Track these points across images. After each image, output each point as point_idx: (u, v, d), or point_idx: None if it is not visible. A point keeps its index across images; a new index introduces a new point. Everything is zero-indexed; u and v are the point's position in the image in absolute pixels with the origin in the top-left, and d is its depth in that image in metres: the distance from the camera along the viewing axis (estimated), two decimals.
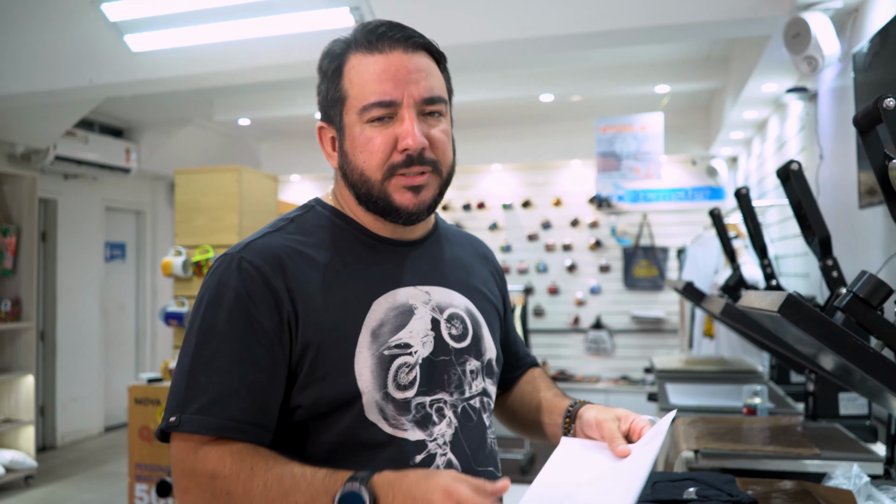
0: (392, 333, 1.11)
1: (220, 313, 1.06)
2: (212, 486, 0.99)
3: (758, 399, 2.48)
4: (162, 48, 4.34)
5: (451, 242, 1.31)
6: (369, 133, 1.11)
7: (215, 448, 1.01)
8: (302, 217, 1.19)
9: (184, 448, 1.03)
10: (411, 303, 1.15)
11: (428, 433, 1.11)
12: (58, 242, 6.97)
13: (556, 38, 3.82)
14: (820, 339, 1.08)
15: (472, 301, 1.25)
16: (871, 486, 1.65)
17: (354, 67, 1.11)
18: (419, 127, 1.10)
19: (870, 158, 1.33)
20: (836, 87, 3.45)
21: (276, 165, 8.36)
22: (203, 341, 1.06)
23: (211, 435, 1.02)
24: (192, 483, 1.01)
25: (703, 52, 5.49)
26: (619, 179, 6.19)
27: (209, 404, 1.02)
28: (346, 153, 1.14)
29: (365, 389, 1.08)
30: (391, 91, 1.09)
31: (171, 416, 1.04)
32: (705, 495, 1.43)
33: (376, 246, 1.18)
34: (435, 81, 1.14)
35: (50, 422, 6.90)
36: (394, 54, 1.10)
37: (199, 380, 1.04)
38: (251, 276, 1.07)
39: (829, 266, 1.93)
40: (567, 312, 7.91)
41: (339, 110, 1.14)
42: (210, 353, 1.05)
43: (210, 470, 1.00)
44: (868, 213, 2.85)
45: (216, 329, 1.06)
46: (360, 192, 1.14)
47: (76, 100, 5.23)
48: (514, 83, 6.00)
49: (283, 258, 1.10)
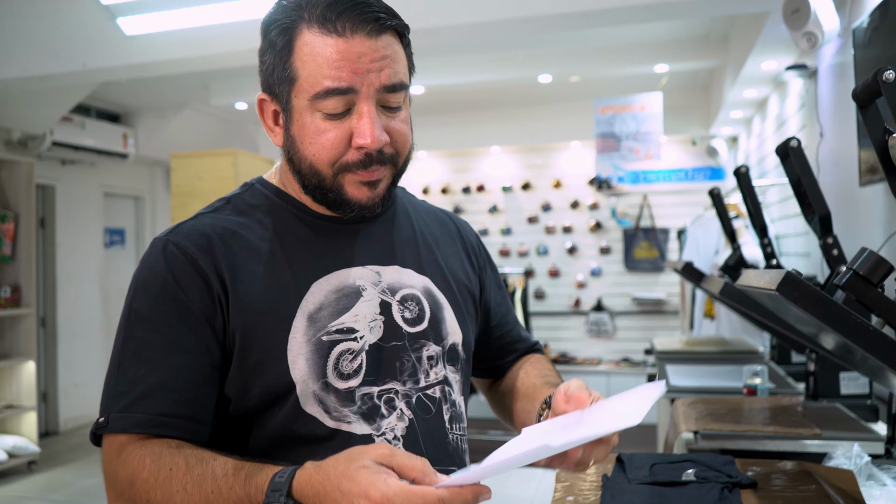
0: (333, 317, 1.02)
1: (146, 300, 0.99)
2: (131, 492, 0.91)
3: (758, 379, 2.47)
4: (156, 31, 4.30)
5: (411, 218, 1.20)
6: (321, 125, 1.00)
7: (137, 449, 0.93)
8: (239, 196, 1.11)
9: (109, 451, 0.95)
10: (358, 284, 1.06)
11: (375, 427, 1.01)
12: (56, 229, 6.97)
13: (554, 17, 3.78)
14: (818, 317, 1.06)
15: (433, 281, 1.14)
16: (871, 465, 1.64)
17: (307, 45, 0.98)
18: (378, 121, 0.99)
19: (869, 133, 1.30)
20: (835, 64, 3.41)
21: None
22: (130, 332, 0.99)
23: (139, 433, 0.94)
24: (114, 491, 0.94)
25: (703, 31, 5.43)
26: (619, 160, 6.16)
27: (136, 399, 0.95)
28: (294, 138, 1.03)
29: (299, 379, 0.99)
30: (348, 78, 0.97)
31: (100, 417, 0.96)
32: (704, 476, 1.41)
33: (319, 225, 1.08)
34: (399, 66, 1.02)
35: (52, 407, 6.92)
36: (355, 39, 0.97)
37: (126, 374, 0.96)
38: (177, 258, 1.00)
39: (829, 244, 1.90)
40: (568, 295, 7.90)
41: (287, 90, 1.02)
42: (137, 344, 0.98)
43: (129, 475, 0.92)
44: (869, 191, 2.82)
45: (143, 317, 0.98)
46: (307, 183, 1.05)
47: (71, 85, 5.20)
48: (512, 64, 5.95)
49: (213, 238, 1.02)
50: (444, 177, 8.23)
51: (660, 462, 1.52)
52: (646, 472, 1.46)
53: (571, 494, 1.38)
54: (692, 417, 2.09)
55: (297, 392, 0.99)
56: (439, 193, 8.21)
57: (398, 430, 1.03)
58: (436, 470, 0.87)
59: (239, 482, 0.86)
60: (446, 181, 8.22)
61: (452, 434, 1.10)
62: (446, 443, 1.08)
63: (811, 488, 1.39)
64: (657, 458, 1.55)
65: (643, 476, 1.43)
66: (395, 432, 1.03)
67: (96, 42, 4.41)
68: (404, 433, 1.03)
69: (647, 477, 1.43)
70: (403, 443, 1.03)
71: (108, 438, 0.96)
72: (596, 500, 1.34)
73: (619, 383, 7.11)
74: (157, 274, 1.00)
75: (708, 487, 1.34)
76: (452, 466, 1.07)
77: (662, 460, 1.53)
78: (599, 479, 1.44)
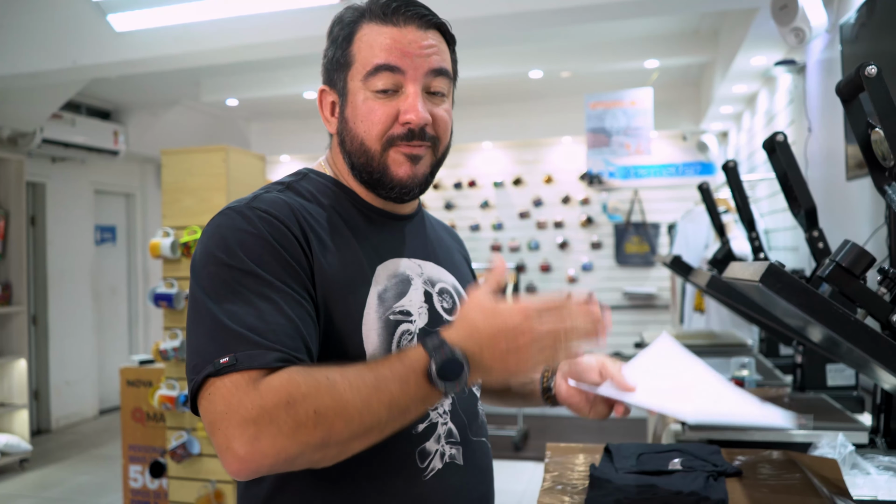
0: (395, 300, 1.11)
1: (251, 257, 0.97)
2: (293, 413, 0.85)
3: (745, 371, 2.49)
4: (146, 27, 4.29)
5: (432, 224, 1.33)
6: (372, 104, 1.10)
7: (275, 377, 0.88)
8: (297, 183, 1.15)
9: (235, 390, 0.87)
10: (408, 273, 1.15)
11: None
12: (47, 226, 6.95)
13: (545, 13, 3.79)
14: (801, 309, 1.08)
15: (457, 279, 1.26)
16: (856, 454, 1.66)
17: (366, 35, 1.11)
18: (423, 103, 1.10)
19: (853, 127, 1.32)
20: (823, 60, 3.44)
21: (266, 146, 8.31)
22: (236, 287, 0.95)
23: (278, 365, 0.89)
24: (265, 422, 0.85)
25: (692, 26, 5.46)
26: (610, 156, 6.17)
27: (271, 339, 0.91)
28: (347, 120, 1.13)
29: (371, 352, 1.05)
30: (397, 60, 1.09)
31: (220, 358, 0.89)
32: (690, 465, 1.43)
33: (371, 216, 1.17)
34: (444, 56, 1.15)
35: (44, 405, 6.91)
36: (408, 28, 1.10)
37: (246, 320, 0.92)
38: (270, 222, 1.01)
39: (815, 237, 1.93)
40: (559, 290, 7.92)
41: (344, 75, 1.13)
42: (251, 294, 0.95)
43: (284, 398, 0.85)
44: (855, 185, 2.85)
45: (253, 272, 0.96)
46: (356, 162, 1.13)
47: (61, 81, 5.19)
48: (503, 60, 5.96)
49: (295, 210, 1.06)
50: None
51: (647, 452, 1.54)
52: (633, 461, 1.48)
53: (560, 484, 1.40)
54: None
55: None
56: (431, 189, 8.21)
57: (446, 406, 1.14)
58: (472, 439, 1.16)
59: (395, 363, 0.91)
60: (438, 177, 8.20)
61: (480, 409, 1.24)
62: (478, 417, 1.21)
63: (795, 477, 1.41)
64: (644, 447, 1.57)
65: (630, 465, 1.45)
66: (444, 407, 1.14)
67: (87, 39, 4.40)
68: (450, 408, 1.14)
69: (633, 466, 1.45)
70: (451, 417, 1.14)
71: (232, 377, 0.88)
72: (584, 489, 1.36)
73: None
74: (252, 234, 0.99)
75: (693, 476, 1.36)
76: (483, 437, 1.21)
77: (649, 450, 1.55)
78: (587, 469, 1.46)
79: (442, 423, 1.12)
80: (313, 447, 0.87)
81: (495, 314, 0.91)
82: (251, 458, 0.85)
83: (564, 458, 1.58)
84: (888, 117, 1.22)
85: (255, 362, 0.89)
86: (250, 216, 1.01)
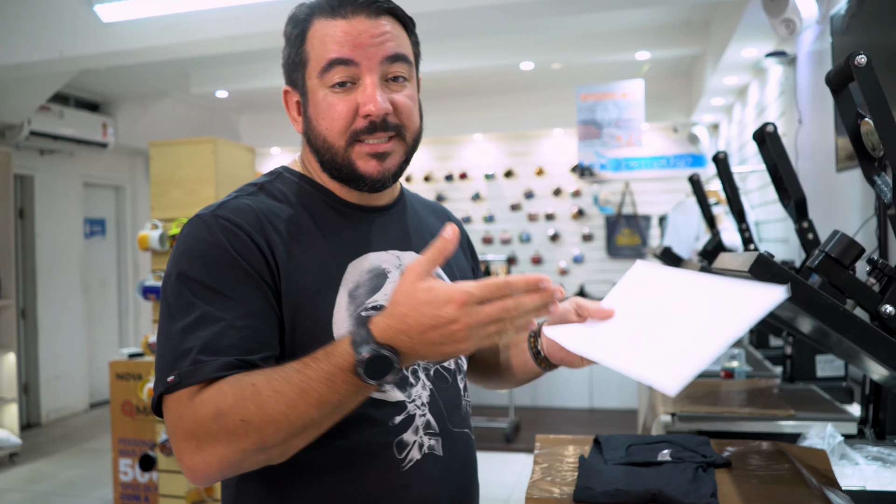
0: (368, 295, 1.11)
1: (206, 268, 1.01)
2: (219, 425, 0.90)
3: (735, 363, 2.50)
4: (133, 18, 4.26)
5: (416, 211, 1.30)
6: (331, 99, 1.09)
7: (210, 389, 0.92)
8: (270, 183, 1.16)
9: (179, 405, 0.93)
10: (384, 266, 1.15)
11: (406, 394, 1.11)
12: (36, 219, 6.90)
13: (535, 4, 3.78)
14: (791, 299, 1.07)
15: (442, 267, 1.24)
16: (844, 444, 1.67)
17: (317, 31, 1.10)
18: (381, 92, 1.08)
19: (842, 117, 1.32)
20: (814, 51, 3.43)
21: (256, 138, 8.27)
22: (194, 299, 0.99)
23: (218, 376, 0.93)
24: (200, 438, 0.91)
25: (683, 18, 5.45)
26: (601, 147, 6.17)
27: (211, 353, 0.95)
28: (310, 118, 1.13)
29: None
30: (350, 52, 1.08)
31: (168, 377, 0.95)
32: (679, 457, 1.43)
33: (345, 211, 1.16)
34: (400, 41, 1.12)
35: (34, 399, 6.87)
36: (357, 19, 1.08)
37: (196, 334, 0.97)
38: (233, 233, 1.03)
39: (805, 228, 1.93)
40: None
41: (302, 74, 1.13)
42: (206, 309, 0.98)
43: (211, 411, 0.90)
44: (845, 177, 2.85)
45: (206, 284, 1.00)
46: (324, 159, 1.13)
47: (48, 73, 5.14)
48: (494, 51, 5.94)
49: (260, 216, 1.07)
50: (426, 164, 8.22)
51: (636, 443, 1.54)
52: (622, 452, 1.48)
53: (549, 475, 1.40)
54: (670, 400, 2.11)
55: None
56: (422, 181, 8.20)
57: (424, 398, 1.13)
58: (451, 430, 1.15)
59: (321, 363, 0.90)
60: (429, 169, 8.21)
61: (464, 401, 1.22)
62: (460, 408, 1.20)
63: (784, 467, 1.41)
64: (634, 439, 1.57)
65: (619, 457, 1.45)
66: (422, 398, 1.13)
67: (73, 29, 4.36)
68: (429, 400, 1.14)
69: (623, 458, 1.45)
70: (429, 408, 1.13)
71: (178, 394, 0.94)
72: (573, 480, 1.35)
73: (600, 370, 7.16)
74: (214, 245, 1.02)
75: (683, 467, 1.36)
76: (465, 428, 1.20)
77: (639, 441, 1.55)
78: (577, 460, 1.46)
79: (420, 414, 1.12)
80: (252, 452, 0.91)
81: (427, 304, 0.86)
82: (199, 467, 0.92)
83: (554, 449, 1.57)
84: (878, 107, 1.21)
85: (195, 378, 0.93)
86: (213, 226, 1.04)
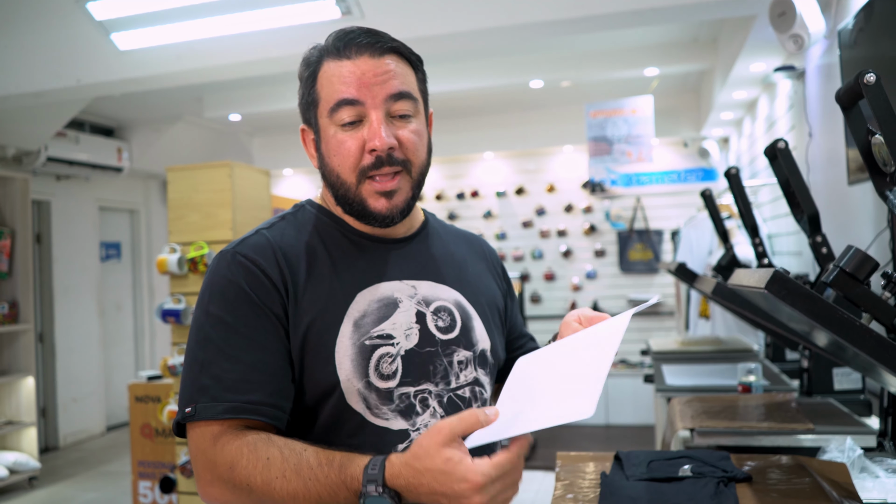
0: (374, 324, 1.15)
1: (224, 305, 1.11)
2: (231, 476, 1.02)
3: (752, 377, 2.50)
4: (149, 46, 4.33)
5: (443, 240, 1.34)
6: (341, 137, 1.16)
7: (233, 440, 1.04)
8: (293, 215, 1.25)
9: (202, 439, 1.06)
10: (396, 296, 1.19)
11: (411, 423, 1.14)
12: (52, 244, 6.97)
13: (544, 24, 3.82)
14: (806, 314, 1.09)
15: (464, 295, 1.27)
16: (864, 458, 1.67)
17: (326, 72, 1.17)
18: (386, 128, 1.14)
19: (853, 134, 1.34)
20: (823, 65, 3.45)
21: (269, 160, 8.35)
22: (209, 334, 1.10)
23: (228, 417, 1.05)
24: (214, 475, 1.04)
25: (691, 34, 5.49)
26: (612, 164, 6.19)
27: (223, 391, 1.06)
28: (324, 155, 1.20)
29: (344, 378, 1.11)
30: (355, 92, 1.14)
31: (186, 408, 1.07)
32: (700, 472, 1.44)
33: (361, 243, 1.22)
34: (405, 79, 1.18)
35: (52, 423, 6.91)
36: (361, 59, 1.15)
37: (210, 370, 1.07)
38: (248, 268, 1.12)
39: (818, 242, 1.94)
40: (564, 298, 7.93)
41: (314, 113, 1.20)
42: (218, 345, 1.09)
43: (229, 461, 1.02)
44: (857, 189, 2.86)
45: (222, 320, 1.10)
46: (338, 194, 1.19)
47: (65, 100, 5.22)
48: (504, 70, 5.99)
49: (276, 252, 1.15)
50: (438, 183, 8.26)
51: (657, 459, 1.55)
52: (643, 468, 1.49)
53: (571, 492, 1.41)
54: (688, 415, 2.12)
55: (341, 388, 1.11)
56: (434, 200, 8.24)
57: (431, 422, 1.16)
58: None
59: (333, 471, 0.98)
60: (441, 188, 8.26)
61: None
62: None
63: (805, 481, 1.42)
64: (654, 455, 1.58)
65: (641, 473, 1.46)
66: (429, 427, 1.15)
67: (90, 57, 4.44)
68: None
69: (644, 473, 1.46)
70: None
71: (200, 427, 1.06)
72: (595, 497, 1.37)
73: (617, 385, 7.15)
74: (232, 282, 1.12)
75: (704, 482, 1.37)
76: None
77: (659, 457, 1.56)
78: (598, 477, 1.47)
79: None
80: None
81: (443, 474, 0.90)
82: (209, 495, 1.06)
83: (575, 466, 1.59)
84: (888, 123, 1.23)
85: (208, 415, 1.05)
86: (231, 263, 1.14)
